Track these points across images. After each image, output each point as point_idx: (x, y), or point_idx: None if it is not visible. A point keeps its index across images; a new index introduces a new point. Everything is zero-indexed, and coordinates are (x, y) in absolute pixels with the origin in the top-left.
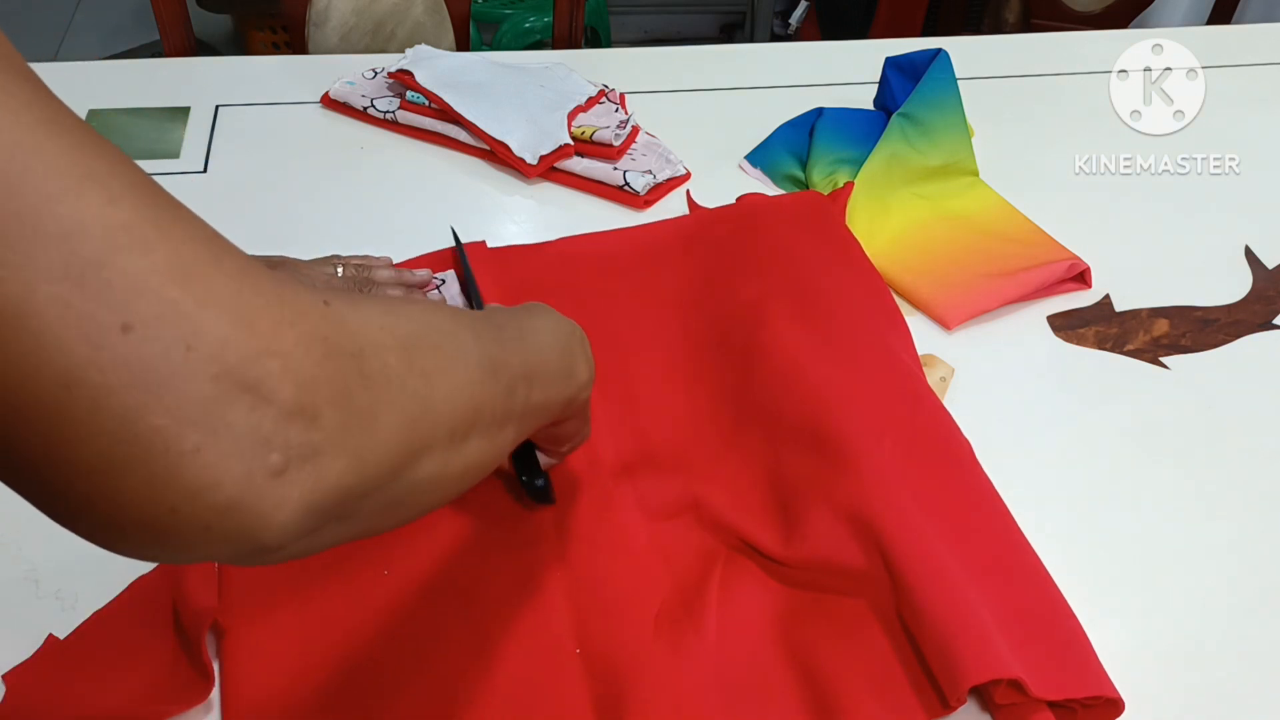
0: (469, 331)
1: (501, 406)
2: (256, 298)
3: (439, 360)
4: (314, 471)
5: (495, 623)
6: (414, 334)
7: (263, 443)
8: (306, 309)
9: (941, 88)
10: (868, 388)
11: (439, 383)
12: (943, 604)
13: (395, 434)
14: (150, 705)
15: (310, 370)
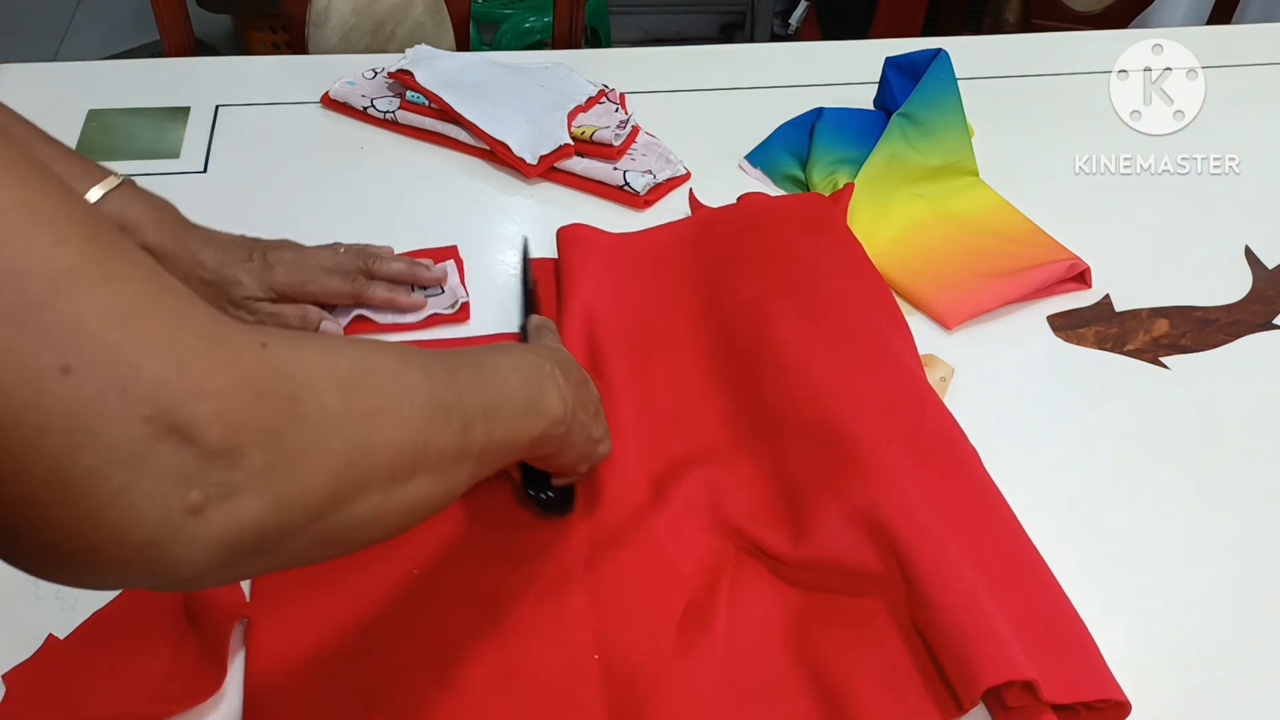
0: (418, 371)
1: (454, 445)
2: (193, 340)
3: (381, 400)
4: (232, 510)
5: (517, 625)
6: (355, 374)
7: (183, 481)
8: (242, 351)
9: (941, 88)
10: (874, 389)
11: (379, 423)
12: (957, 605)
13: (325, 475)
14: (150, 705)
15: (241, 412)
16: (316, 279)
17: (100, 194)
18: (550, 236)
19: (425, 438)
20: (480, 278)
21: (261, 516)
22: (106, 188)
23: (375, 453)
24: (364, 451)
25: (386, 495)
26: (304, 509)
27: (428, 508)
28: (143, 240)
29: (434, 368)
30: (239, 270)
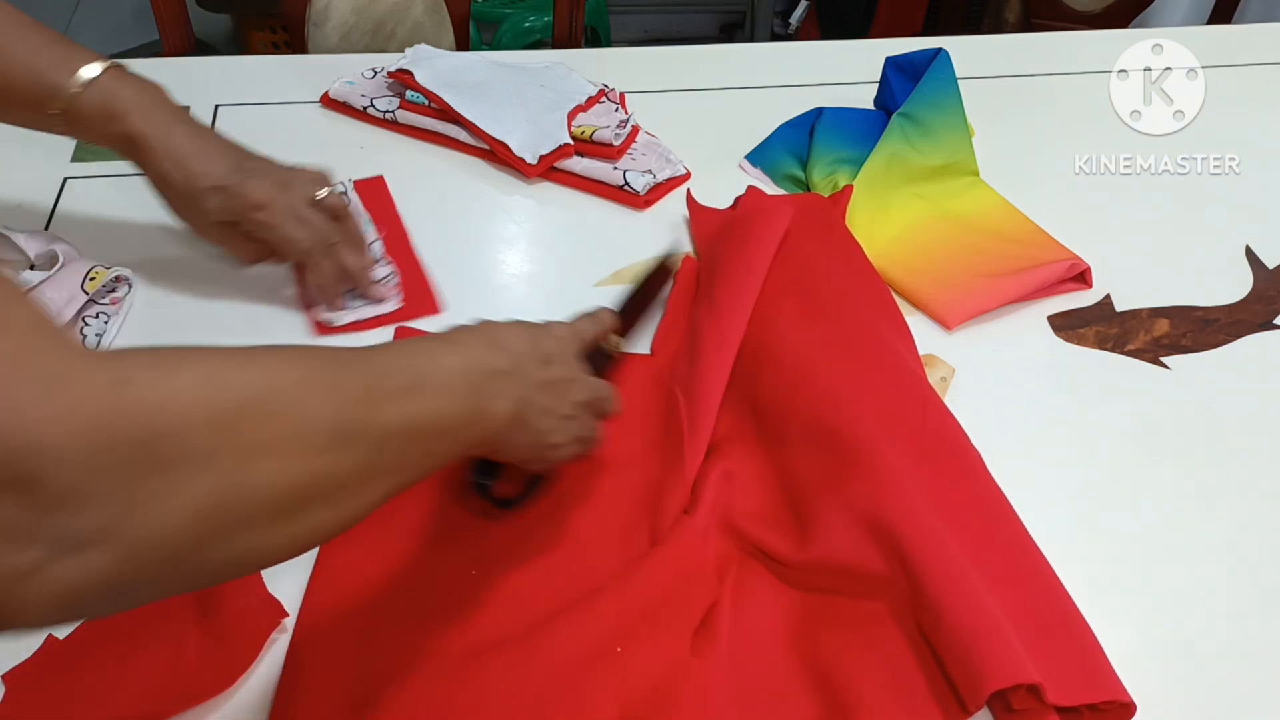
0: (323, 395)
1: (361, 469)
2: (33, 384)
3: (269, 433)
4: (76, 565)
5: (544, 608)
6: (240, 406)
7: (19, 539)
8: (91, 393)
9: (942, 88)
10: (876, 390)
11: (263, 459)
12: (961, 606)
13: (186, 520)
14: (151, 705)
15: (85, 460)
16: (285, 224)
17: (88, 78)
18: (550, 236)
19: (322, 468)
20: (480, 278)
21: (108, 569)
22: (93, 72)
23: (255, 490)
24: (240, 490)
25: (270, 531)
26: (160, 557)
27: (325, 534)
28: (127, 128)
29: (348, 386)
30: (208, 193)
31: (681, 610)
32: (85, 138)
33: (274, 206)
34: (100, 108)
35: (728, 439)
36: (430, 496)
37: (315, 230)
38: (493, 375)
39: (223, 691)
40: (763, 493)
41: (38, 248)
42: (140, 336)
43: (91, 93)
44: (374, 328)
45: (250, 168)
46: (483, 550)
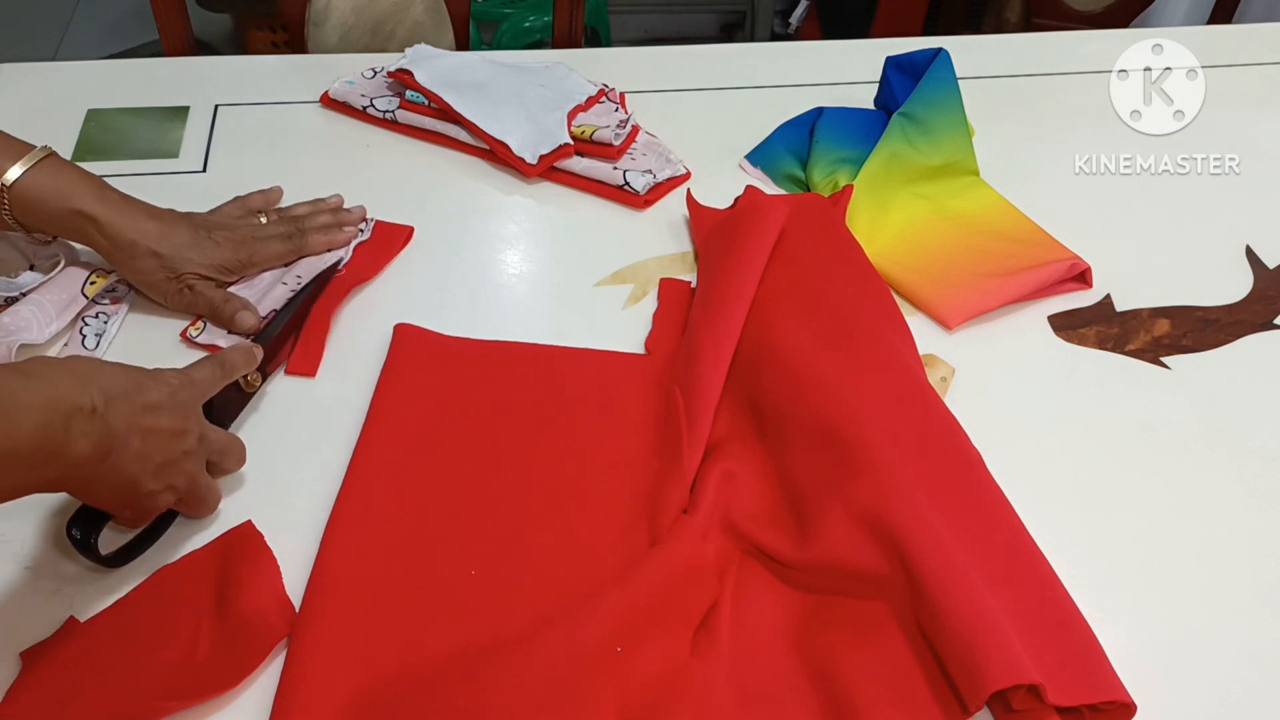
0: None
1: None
2: None
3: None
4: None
5: (546, 605)
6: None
7: None
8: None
9: (942, 87)
10: (876, 390)
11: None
12: (961, 607)
13: None
14: (159, 696)
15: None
16: (259, 250)
17: (25, 168)
18: (550, 236)
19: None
20: (480, 278)
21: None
22: (32, 160)
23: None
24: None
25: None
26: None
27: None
28: (83, 207)
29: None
30: (187, 248)
31: (681, 610)
32: (28, 222)
33: (243, 243)
34: (49, 188)
35: (727, 439)
36: (430, 497)
37: (281, 233)
38: (76, 413)
39: (230, 690)
40: (762, 493)
41: (38, 249)
42: (140, 337)
43: (34, 178)
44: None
45: (206, 222)
46: (483, 550)
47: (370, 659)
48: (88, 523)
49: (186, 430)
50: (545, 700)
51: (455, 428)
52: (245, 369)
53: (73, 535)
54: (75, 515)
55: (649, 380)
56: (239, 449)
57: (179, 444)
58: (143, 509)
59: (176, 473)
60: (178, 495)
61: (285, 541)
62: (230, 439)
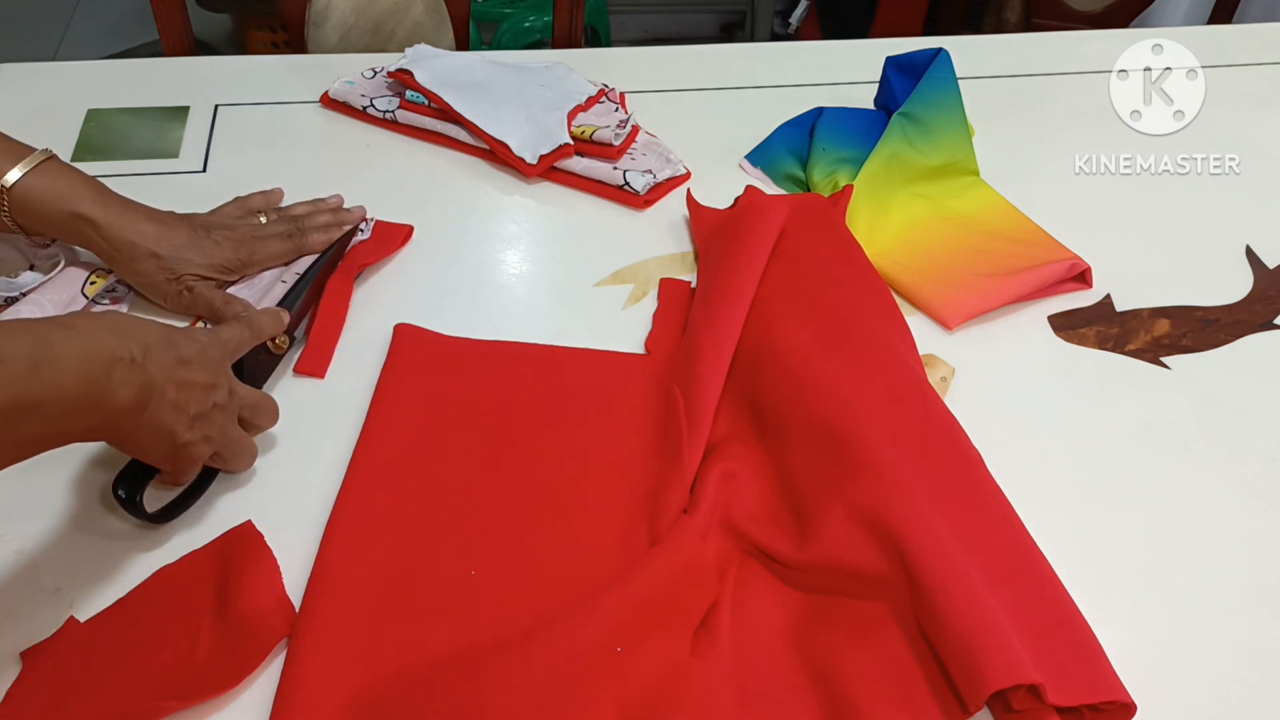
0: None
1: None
2: None
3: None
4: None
5: (546, 604)
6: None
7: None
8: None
9: (942, 87)
10: (876, 390)
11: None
12: (961, 607)
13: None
14: (158, 697)
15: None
16: (259, 249)
17: (25, 170)
18: (550, 236)
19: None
20: (480, 277)
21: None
22: (32, 163)
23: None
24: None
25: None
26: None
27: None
28: (82, 210)
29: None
30: (186, 249)
31: (681, 610)
32: (29, 225)
33: (243, 242)
34: (49, 192)
35: (727, 439)
36: (430, 497)
37: (281, 232)
38: (116, 362)
39: (229, 690)
40: (762, 493)
41: (38, 250)
42: None
43: (33, 181)
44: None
45: (205, 223)
46: (483, 550)
47: (370, 659)
48: (133, 481)
49: (217, 384)
50: (545, 700)
51: (455, 428)
52: (273, 332)
53: (118, 494)
54: (120, 475)
55: (649, 380)
56: (271, 406)
57: (211, 396)
58: (181, 461)
59: (211, 424)
60: (214, 448)
61: (285, 541)
62: (262, 396)
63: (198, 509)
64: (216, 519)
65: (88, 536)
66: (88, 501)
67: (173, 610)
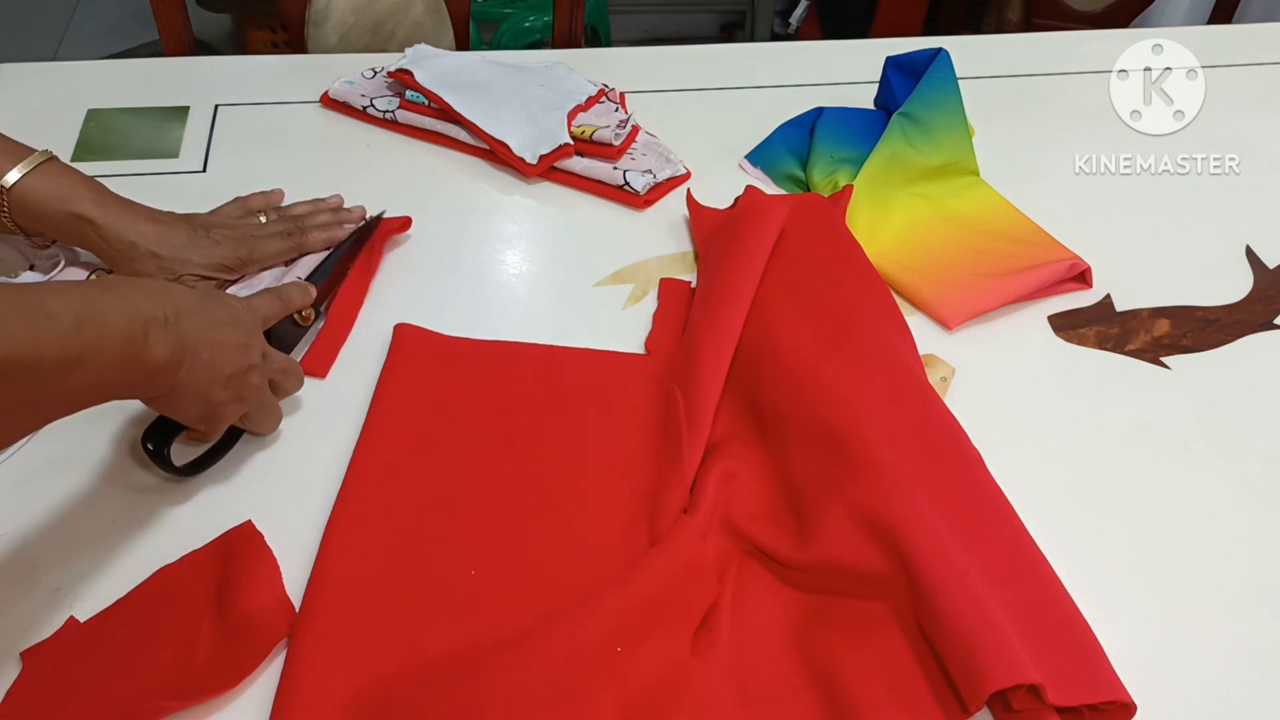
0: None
1: (17, 401)
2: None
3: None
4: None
5: (546, 604)
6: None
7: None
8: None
9: (942, 87)
10: (876, 390)
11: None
12: (961, 607)
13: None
14: (158, 697)
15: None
16: (259, 248)
17: (24, 171)
18: (550, 236)
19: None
20: (480, 277)
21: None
22: (32, 164)
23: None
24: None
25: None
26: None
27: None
28: (82, 211)
29: (15, 325)
30: (185, 249)
31: (681, 610)
32: (29, 226)
33: (243, 241)
34: (50, 192)
35: (727, 439)
36: (430, 497)
37: (280, 231)
38: (152, 322)
39: (229, 690)
40: (762, 493)
41: (38, 250)
42: None
43: (34, 181)
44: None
45: (205, 222)
46: (483, 550)
47: (370, 659)
48: (160, 435)
49: (251, 345)
50: (545, 700)
51: (455, 428)
52: (301, 304)
53: (147, 448)
54: (149, 429)
55: (649, 380)
56: (298, 370)
57: (245, 357)
58: (214, 419)
59: (244, 384)
60: (246, 407)
61: (285, 541)
62: (290, 360)
63: (198, 508)
64: (216, 519)
65: (88, 536)
66: (89, 501)
67: (173, 610)
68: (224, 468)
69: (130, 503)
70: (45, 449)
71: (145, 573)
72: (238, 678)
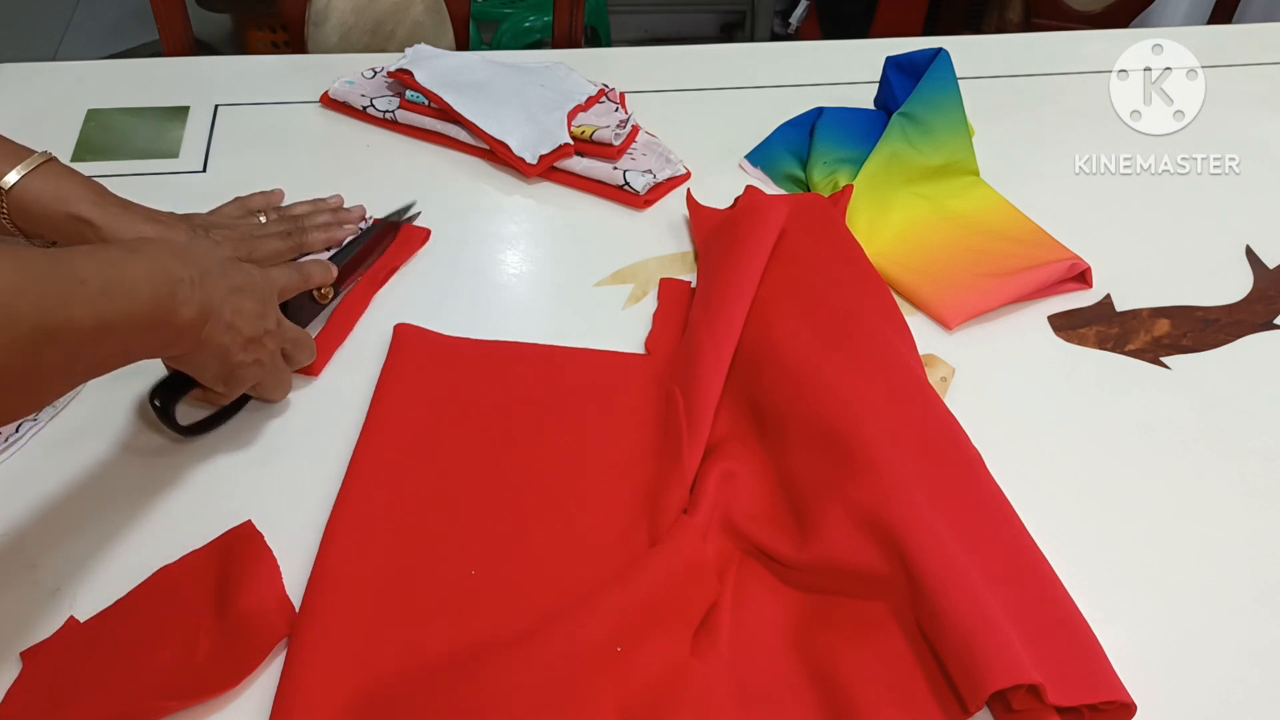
0: (31, 299)
1: (53, 364)
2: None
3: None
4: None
5: (546, 604)
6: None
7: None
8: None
9: (942, 87)
10: (876, 390)
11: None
12: (961, 607)
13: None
14: (158, 697)
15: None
16: (259, 247)
17: (23, 172)
18: (550, 236)
19: (18, 361)
20: (480, 277)
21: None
22: (31, 165)
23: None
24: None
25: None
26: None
27: (7, 418)
28: (81, 212)
29: (51, 291)
30: None
31: (681, 610)
32: (27, 227)
33: (243, 240)
34: (49, 194)
35: (727, 439)
36: (430, 497)
37: (281, 230)
38: (179, 283)
39: (229, 690)
40: (763, 493)
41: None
42: None
43: (33, 183)
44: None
45: (204, 221)
46: (483, 550)
47: (370, 659)
48: (168, 393)
49: (266, 312)
50: (545, 700)
51: (455, 428)
52: (321, 281)
53: (154, 404)
54: (157, 386)
55: (649, 380)
56: (310, 342)
57: (262, 323)
58: (234, 380)
59: (261, 348)
60: (263, 371)
61: (285, 541)
62: (303, 332)
63: (198, 508)
64: (216, 519)
65: (88, 536)
66: (89, 501)
67: (173, 610)
68: (224, 467)
69: (130, 503)
70: (46, 449)
71: (145, 573)
72: (238, 678)
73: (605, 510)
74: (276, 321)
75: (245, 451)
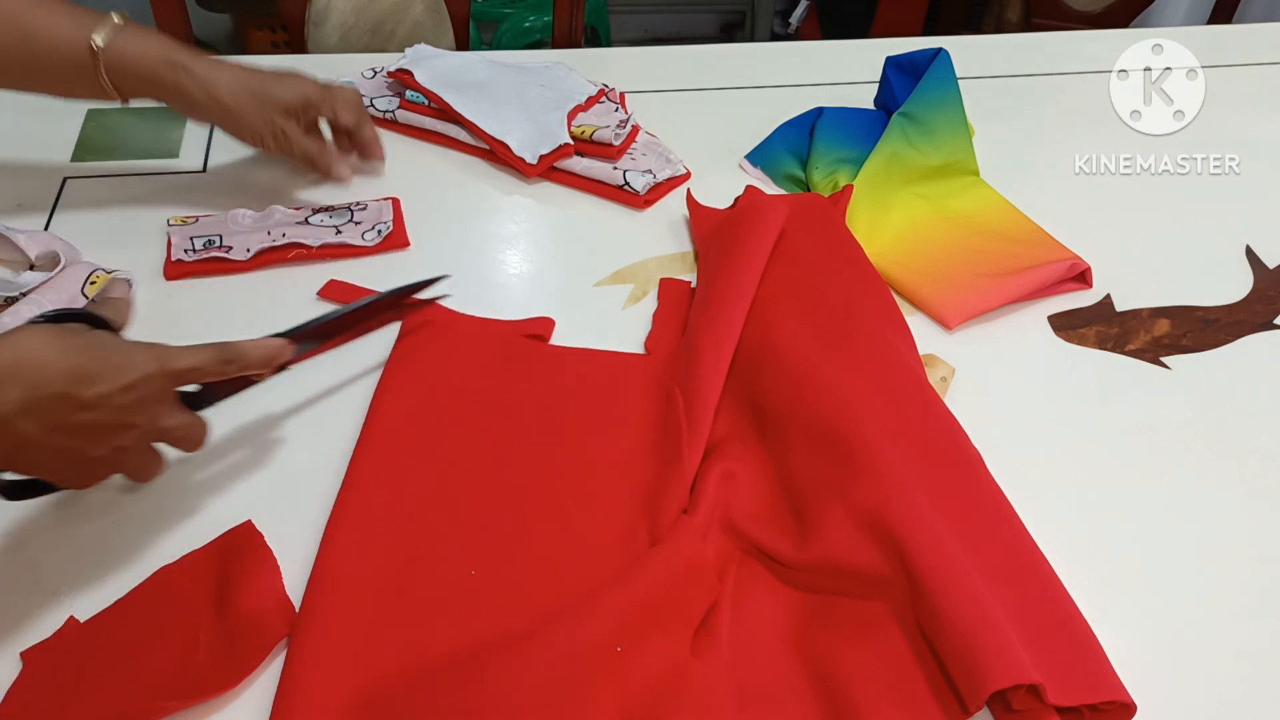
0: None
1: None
2: None
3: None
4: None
5: (546, 605)
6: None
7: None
8: None
9: (942, 87)
10: (877, 390)
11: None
12: (961, 607)
13: None
14: (158, 697)
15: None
16: (330, 95)
17: (111, 34)
18: (550, 236)
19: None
20: (480, 277)
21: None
22: (114, 27)
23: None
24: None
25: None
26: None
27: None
28: (175, 56)
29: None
30: (271, 84)
31: (681, 610)
32: (123, 83)
33: (319, 90)
34: (138, 44)
35: (727, 439)
36: (430, 497)
37: (299, 110)
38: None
39: (229, 690)
40: (763, 493)
41: (38, 248)
42: (141, 334)
43: (115, 45)
44: (342, 257)
45: (277, 74)
46: (483, 550)
47: (370, 659)
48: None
49: (129, 426)
50: (545, 700)
51: (455, 428)
52: (260, 368)
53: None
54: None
55: (649, 380)
56: (198, 436)
57: (116, 438)
58: (78, 480)
59: (104, 465)
60: (108, 473)
61: (285, 541)
62: (189, 427)
63: (198, 508)
64: (216, 519)
65: (88, 536)
66: (89, 501)
67: (173, 610)
68: (224, 468)
69: (130, 503)
70: None
71: (145, 573)
72: (238, 678)
73: (605, 510)
74: (140, 435)
75: (245, 451)
